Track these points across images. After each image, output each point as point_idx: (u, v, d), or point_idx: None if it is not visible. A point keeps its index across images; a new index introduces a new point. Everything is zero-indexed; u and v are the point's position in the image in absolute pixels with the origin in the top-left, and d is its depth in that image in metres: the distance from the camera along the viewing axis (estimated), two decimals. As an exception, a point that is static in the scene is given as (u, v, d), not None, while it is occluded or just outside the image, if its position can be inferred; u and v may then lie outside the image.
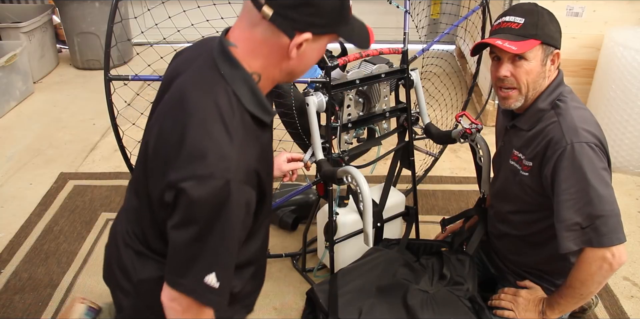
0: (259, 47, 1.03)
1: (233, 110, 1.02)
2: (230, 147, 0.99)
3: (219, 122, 0.99)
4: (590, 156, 1.41)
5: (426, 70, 2.34)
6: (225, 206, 0.98)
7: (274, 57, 1.04)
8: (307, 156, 1.79)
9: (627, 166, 2.87)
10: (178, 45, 2.13)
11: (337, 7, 1.02)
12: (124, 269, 1.22)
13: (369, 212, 1.54)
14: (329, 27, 1.03)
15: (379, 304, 1.66)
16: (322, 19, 1.01)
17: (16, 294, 2.06)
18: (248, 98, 1.04)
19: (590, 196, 1.40)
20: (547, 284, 1.68)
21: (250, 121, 1.05)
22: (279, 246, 2.33)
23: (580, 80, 3.08)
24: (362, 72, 1.84)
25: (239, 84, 1.03)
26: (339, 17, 1.03)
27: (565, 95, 1.52)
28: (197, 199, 0.96)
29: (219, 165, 0.97)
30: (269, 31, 1.01)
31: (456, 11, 4.21)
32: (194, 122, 1.00)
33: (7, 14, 4.12)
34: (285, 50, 1.02)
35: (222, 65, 1.04)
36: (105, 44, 1.61)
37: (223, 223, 0.99)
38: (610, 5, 2.94)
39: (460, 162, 3.01)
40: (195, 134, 0.99)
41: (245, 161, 1.01)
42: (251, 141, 1.05)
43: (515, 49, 1.44)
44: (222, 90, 1.02)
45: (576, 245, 1.43)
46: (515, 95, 1.52)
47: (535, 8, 1.49)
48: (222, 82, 1.03)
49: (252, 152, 1.04)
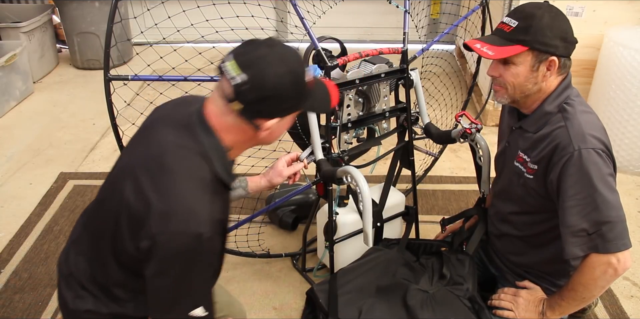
0: (231, 128, 1.18)
1: (205, 172, 1.16)
2: (202, 204, 1.12)
3: (193, 182, 1.13)
4: (597, 162, 1.41)
5: (426, 70, 2.34)
6: (199, 255, 1.11)
7: (244, 137, 1.20)
8: (304, 154, 1.79)
9: (627, 166, 2.87)
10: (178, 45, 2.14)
11: (297, 91, 1.16)
12: (62, 299, 1.33)
13: (369, 212, 1.54)
14: (292, 108, 1.19)
15: (379, 304, 1.66)
16: (286, 104, 1.16)
17: (16, 294, 2.06)
18: (219, 163, 1.19)
19: (597, 203, 1.40)
20: (547, 284, 1.68)
21: (217, 181, 1.20)
22: (279, 246, 2.33)
23: (580, 80, 3.08)
24: (362, 72, 1.84)
25: (213, 151, 1.18)
26: (300, 97, 1.18)
27: (573, 98, 1.51)
28: (173, 252, 1.09)
29: (192, 221, 1.09)
30: (239, 120, 1.16)
31: (456, 11, 4.21)
32: (171, 181, 1.12)
33: (7, 14, 4.12)
34: (254, 133, 1.18)
35: (200, 133, 1.18)
36: (105, 44, 1.62)
37: (200, 269, 1.14)
38: (610, 5, 2.94)
39: (460, 162, 3.01)
40: (171, 192, 1.12)
41: (214, 215, 1.14)
42: (217, 197, 1.18)
43: (491, 55, 1.44)
44: (198, 154, 1.16)
45: (582, 251, 1.43)
46: (502, 92, 1.53)
47: (537, 11, 1.44)
48: (199, 148, 1.17)
49: (218, 207, 1.18)
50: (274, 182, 1.70)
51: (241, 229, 2.05)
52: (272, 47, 1.14)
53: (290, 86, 1.13)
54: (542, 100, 1.52)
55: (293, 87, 1.14)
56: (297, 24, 1.75)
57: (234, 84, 1.10)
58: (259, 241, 2.26)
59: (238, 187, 1.69)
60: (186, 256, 1.10)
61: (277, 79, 1.11)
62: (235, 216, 2.23)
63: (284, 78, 1.12)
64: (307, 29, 1.73)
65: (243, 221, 1.99)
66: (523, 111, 1.59)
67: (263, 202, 2.50)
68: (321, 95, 1.27)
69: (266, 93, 1.11)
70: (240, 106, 1.12)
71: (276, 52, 1.13)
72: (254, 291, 2.10)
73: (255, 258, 2.21)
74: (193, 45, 2.06)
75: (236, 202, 2.31)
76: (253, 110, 1.14)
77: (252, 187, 1.71)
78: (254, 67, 1.10)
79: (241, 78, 1.09)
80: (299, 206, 2.41)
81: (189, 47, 2.05)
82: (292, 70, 1.14)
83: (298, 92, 1.16)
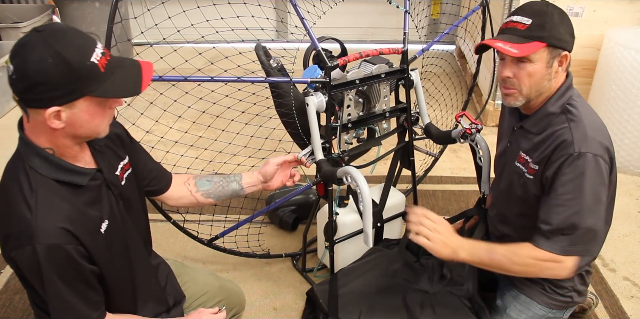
0: (34, 127, 1.16)
1: (32, 186, 1.15)
2: (31, 218, 1.12)
3: (19, 200, 1.14)
4: (594, 168, 1.41)
5: (426, 70, 2.34)
6: (41, 267, 1.13)
7: (45, 131, 1.15)
8: (301, 154, 1.79)
9: (627, 166, 2.87)
10: (178, 46, 2.14)
11: (70, 74, 1.08)
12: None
13: (369, 212, 1.54)
14: (73, 94, 1.10)
15: (379, 305, 1.66)
16: (59, 91, 1.08)
17: (16, 294, 2.06)
18: (46, 169, 1.17)
19: (580, 207, 1.41)
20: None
21: (59, 186, 1.18)
22: (279, 246, 2.33)
23: (580, 80, 3.08)
24: (362, 72, 1.84)
25: (33, 159, 1.17)
26: (77, 80, 1.09)
27: (575, 99, 1.50)
28: (22, 266, 1.15)
29: (23, 235, 1.12)
30: (32, 116, 1.13)
31: (456, 11, 4.21)
32: (3, 203, 1.17)
33: (7, 14, 4.12)
34: (50, 126, 1.12)
35: (19, 146, 1.19)
36: (105, 44, 1.61)
37: (54, 280, 1.15)
38: (610, 5, 2.94)
39: (460, 162, 3.01)
40: (4, 214, 1.16)
41: (50, 225, 1.13)
42: (59, 204, 1.17)
43: (516, 53, 1.42)
44: (22, 170, 1.17)
45: (549, 248, 1.44)
46: (516, 95, 1.50)
47: (546, 8, 1.45)
48: (20, 162, 1.18)
49: (60, 215, 1.15)
50: (264, 172, 1.71)
51: (241, 229, 2.05)
52: (41, 32, 1.07)
53: (57, 70, 1.06)
54: (545, 100, 1.52)
55: (62, 70, 1.06)
56: (297, 24, 1.75)
57: (8, 76, 1.08)
58: (259, 241, 2.26)
59: (232, 181, 1.70)
60: (33, 269, 1.14)
61: (40, 64, 1.05)
62: (235, 216, 2.23)
63: (46, 62, 1.05)
64: (307, 29, 1.73)
65: (243, 221, 1.99)
66: (524, 112, 1.58)
67: (263, 202, 2.50)
68: (124, 77, 1.17)
69: (32, 80, 1.05)
70: (17, 98, 1.09)
71: (42, 35, 1.06)
72: (254, 291, 2.10)
73: (256, 258, 2.21)
74: (193, 46, 2.06)
75: (236, 202, 2.33)
76: (28, 100, 1.09)
77: (246, 181, 1.72)
78: (18, 55, 1.06)
79: (10, 69, 1.07)
80: (299, 206, 2.41)
81: (189, 47, 2.05)
82: (58, 52, 1.06)
83: (72, 75, 1.07)
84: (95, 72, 1.10)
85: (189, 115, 2.21)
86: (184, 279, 1.68)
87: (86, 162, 1.26)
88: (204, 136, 2.33)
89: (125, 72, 1.17)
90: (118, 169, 1.36)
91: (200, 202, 1.67)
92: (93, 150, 1.29)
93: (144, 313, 1.45)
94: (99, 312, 1.27)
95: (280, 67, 1.82)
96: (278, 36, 4.46)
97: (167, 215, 2.01)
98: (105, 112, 1.18)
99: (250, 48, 1.81)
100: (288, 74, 1.84)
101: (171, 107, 2.10)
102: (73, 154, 1.22)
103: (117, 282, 1.32)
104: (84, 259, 1.19)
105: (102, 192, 1.29)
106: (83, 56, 1.09)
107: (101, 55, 1.12)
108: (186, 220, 2.07)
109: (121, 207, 1.35)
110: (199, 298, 1.69)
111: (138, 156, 1.50)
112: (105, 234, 1.26)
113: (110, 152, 1.36)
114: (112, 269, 1.29)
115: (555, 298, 1.66)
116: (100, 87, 1.11)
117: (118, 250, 1.32)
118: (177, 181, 1.64)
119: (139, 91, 1.18)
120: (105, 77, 1.12)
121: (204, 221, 2.14)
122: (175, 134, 2.27)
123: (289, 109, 1.81)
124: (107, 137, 1.30)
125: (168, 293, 1.56)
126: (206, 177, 1.69)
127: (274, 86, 1.81)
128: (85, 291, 1.22)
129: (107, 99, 1.16)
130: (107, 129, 1.23)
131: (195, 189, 1.65)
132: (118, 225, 1.32)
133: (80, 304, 1.21)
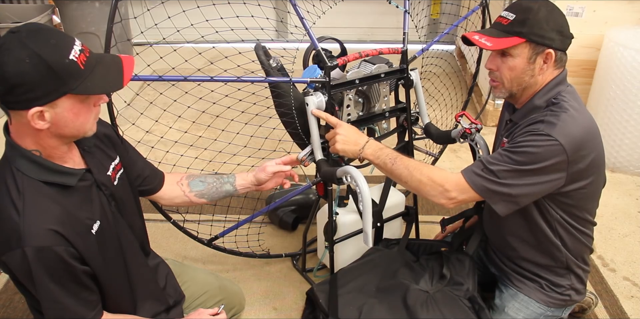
0: (19, 129, 1.15)
1: (20, 188, 1.14)
2: (19, 221, 1.12)
3: (7, 204, 1.14)
4: (542, 149, 1.40)
5: (426, 70, 2.34)
6: (32, 269, 1.12)
7: (30, 132, 1.14)
8: (301, 154, 1.79)
9: (627, 166, 2.87)
10: (178, 45, 2.14)
11: (49, 74, 1.06)
12: None
13: (369, 212, 1.54)
14: (53, 94, 1.09)
15: (379, 304, 1.66)
16: (39, 91, 1.07)
17: (16, 294, 2.06)
18: (33, 171, 1.16)
19: (505, 159, 1.43)
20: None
21: (47, 188, 1.18)
22: (279, 246, 2.33)
23: (580, 80, 3.08)
24: (362, 72, 1.84)
25: (19, 162, 1.16)
26: (58, 79, 1.08)
27: (564, 95, 1.50)
28: (14, 270, 1.15)
29: (12, 239, 1.12)
30: (14, 118, 1.13)
31: (456, 11, 4.21)
32: None
33: (7, 14, 4.11)
34: (34, 127, 1.11)
35: (6, 150, 1.19)
36: (105, 44, 1.61)
37: (46, 282, 1.15)
38: (610, 5, 2.94)
39: (460, 162, 3.01)
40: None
41: (38, 227, 1.13)
42: (48, 206, 1.16)
43: (489, 46, 1.47)
44: (9, 173, 1.16)
45: (468, 178, 1.47)
46: (500, 87, 1.56)
47: (534, 5, 1.47)
48: (7, 165, 1.17)
49: (48, 217, 1.15)
50: (258, 177, 1.72)
51: (241, 229, 2.04)
52: (16, 33, 1.07)
53: (35, 70, 1.05)
54: (533, 94, 1.54)
55: (40, 70, 1.06)
56: (297, 24, 1.75)
57: None
58: (259, 241, 2.26)
59: (226, 183, 1.70)
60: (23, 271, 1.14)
61: (18, 65, 1.04)
62: (235, 216, 2.23)
63: (24, 63, 1.04)
64: (307, 29, 1.73)
65: (243, 221, 1.99)
66: (516, 106, 1.61)
67: (263, 202, 2.50)
68: (105, 73, 1.16)
69: (11, 82, 1.05)
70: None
71: (17, 36, 1.06)
72: (254, 291, 2.10)
73: (256, 258, 2.21)
74: (193, 46, 2.06)
75: (236, 202, 2.33)
76: (8, 102, 1.09)
77: (239, 183, 1.72)
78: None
79: None
80: (299, 206, 2.41)
81: (189, 47, 2.05)
82: (35, 52, 1.05)
83: (51, 74, 1.07)
84: (75, 70, 1.10)
85: (189, 115, 2.21)
86: (183, 279, 1.68)
87: (75, 163, 1.26)
88: (204, 136, 2.33)
89: (106, 67, 1.16)
90: (110, 170, 1.36)
91: (194, 202, 1.68)
92: (82, 151, 1.29)
93: (143, 312, 1.44)
94: (94, 312, 1.26)
95: (280, 67, 1.81)
96: (278, 36, 4.46)
97: (167, 215, 2.01)
98: (90, 110, 1.18)
99: (250, 48, 1.81)
100: (288, 73, 1.84)
101: (171, 107, 2.10)
102: (60, 155, 1.21)
103: (112, 282, 1.32)
104: (75, 260, 1.18)
105: (93, 192, 1.28)
106: (61, 54, 1.08)
107: (80, 52, 1.12)
108: (186, 220, 2.07)
109: (113, 208, 1.34)
110: (198, 297, 1.69)
111: (129, 155, 1.49)
112: (97, 235, 1.26)
113: (100, 152, 1.35)
114: (106, 269, 1.29)
115: (553, 296, 1.67)
116: (81, 84, 1.10)
117: (111, 250, 1.32)
118: (170, 181, 1.64)
119: (120, 86, 1.16)
120: (85, 74, 1.11)
121: (204, 221, 2.14)
122: (175, 134, 2.27)
123: (288, 109, 1.81)
124: (97, 137, 1.29)
125: (167, 293, 1.56)
126: (199, 178, 1.69)
127: (274, 85, 1.81)
128: (79, 291, 1.22)
129: (89, 96, 1.15)
130: (93, 127, 1.22)
131: (188, 190, 1.66)
132: (110, 225, 1.31)
133: (75, 304, 1.21)
